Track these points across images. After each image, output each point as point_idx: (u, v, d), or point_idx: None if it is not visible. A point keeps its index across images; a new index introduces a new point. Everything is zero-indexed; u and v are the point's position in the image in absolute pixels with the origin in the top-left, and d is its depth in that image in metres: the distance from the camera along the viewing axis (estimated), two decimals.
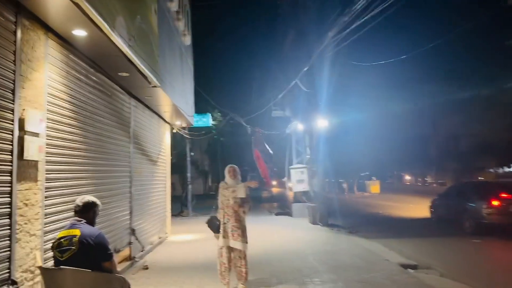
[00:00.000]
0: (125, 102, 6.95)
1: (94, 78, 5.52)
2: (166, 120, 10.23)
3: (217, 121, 31.03)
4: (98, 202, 3.34)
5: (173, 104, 8.35)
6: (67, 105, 4.69)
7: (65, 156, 4.62)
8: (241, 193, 5.31)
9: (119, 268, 6.48)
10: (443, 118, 37.99)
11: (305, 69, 11.05)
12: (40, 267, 3.17)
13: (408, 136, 42.97)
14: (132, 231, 7.08)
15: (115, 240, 6.28)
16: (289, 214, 15.90)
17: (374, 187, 34.12)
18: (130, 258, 7.00)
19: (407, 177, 54.99)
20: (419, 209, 18.84)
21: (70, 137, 4.75)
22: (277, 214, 16.97)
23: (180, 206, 18.81)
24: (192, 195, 19.55)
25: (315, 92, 12.73)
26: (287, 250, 8.31)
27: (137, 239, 7.39)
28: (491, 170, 40.26)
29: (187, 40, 10.27)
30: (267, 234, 10.90)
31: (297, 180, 15.18)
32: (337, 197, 22.03)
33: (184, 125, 11.14)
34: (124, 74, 5.92)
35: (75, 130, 4.92)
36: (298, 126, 13.79)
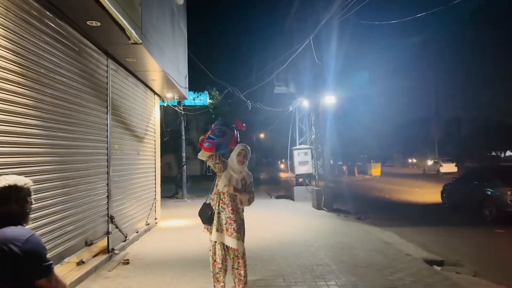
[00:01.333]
0: (100, 63, 5.70)
1: (53, 25, 4.26)
2: (155, 90, 8.98)
3: (215, 99, 29.68)
4: (24, 184, 2.07)
5: (161, 71, 7.11)
6: (8, 55, 3.46)
7: (5, 124, 3.42)
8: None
9: (94, 262, 5.41)
10: (448, 100, 36.81)
11: (316, 30, 9.72)
12: None
13: (410, 118, 41.79)
14: (111, 219, 5.96)
15: (87, 230, 5.15)
16: (290, 197, 14.88)
17: (375, 170, 33.15)
18: (108, 250, 5.90)
19: (411, 160, 54.03)
20: (426, 193, 17.88)
21: (13, 98, 3.54)
22: (277, 198, 15.95)
23: (175, 187, 17.77)
24: (188, 176, 18.46)
25: (322, 65, 11.46)
26: (293, 242, 7.23)
27: (117, 227, 6.27)
28: (494, 153, 39.42)
29: None
30: (268, 221, 9.83)
31: (300, 161, 14.07)
32: (341, 180, 20.94)
33: (176, 97, 9.89)
34: (95, 23, 4.66)
35: (23, 89, 3.70)
36: (303, 102, 12.58)
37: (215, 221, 4.20)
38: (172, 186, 17.88)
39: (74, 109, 4.79)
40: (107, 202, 5.86)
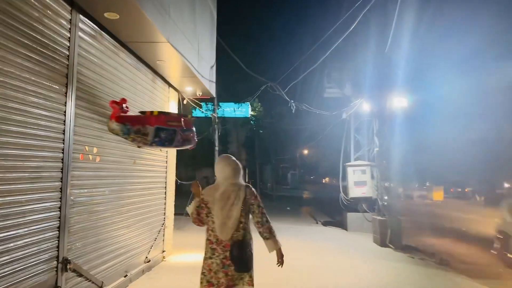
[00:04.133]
0: (54, 13, 3.55)
1: None
2: (168, 81, 6.82)
3: (257, 111, 27.63)
4: None
5: (166, 42, 4.90)
6: None
7: None
8: None
9: None
10: None
11: None
12: None
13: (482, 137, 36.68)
14: (64, 264, 3.70)
15: None
16: (341, 225, 12.08)
17: (437, 193, 29.05)
18: None
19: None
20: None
21: None
22: (325, 224, 13.20)
23: None
24: None
25: (392, 57, 8.79)
26: None
27: (81, 275, 4.02)
28: None
29: None
30: (315, 261, 7.21)
31: (356, 182, 11.29)
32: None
33: (199, 93, 7.69)
34: None
35: None
36: (363, 106, 9.92)
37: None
38: None
39: None
40: (58, 237, 3.61)
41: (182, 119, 4.33)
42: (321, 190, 46.63)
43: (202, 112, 24.82)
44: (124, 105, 4.02)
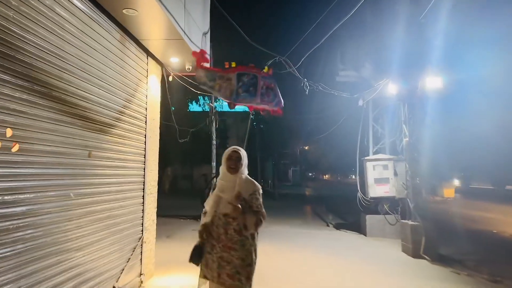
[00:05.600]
0: None
1: None
2: (144, 44, 5.14)
3: None
4: None
5: None
6: None
7: None
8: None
9: None
10: None
11: None
12: None
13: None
14: None
15: None
16: (358, 229, 10.47)
17: (449, 190, 27.45)
18: None
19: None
20: None
21: None
22: (337, 227, 11.59)
23: (202, 205, 14.00)
24: None
25: (426, 26, 7.14)
26: None
27: None
28: None
29: None
30: (331, 283, 5.57)
31: (377, 179, 9.68)
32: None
33: (189, 67, 6.04)
34: None
35: None
36: (389, 89, 8.23)
37: (203, 263, 3.01)
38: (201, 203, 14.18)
39: None
40: None
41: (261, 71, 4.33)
42: (324, 187, 45.07)
43: (199, 105, 23.17)
44: (204, 55, 4.26)
